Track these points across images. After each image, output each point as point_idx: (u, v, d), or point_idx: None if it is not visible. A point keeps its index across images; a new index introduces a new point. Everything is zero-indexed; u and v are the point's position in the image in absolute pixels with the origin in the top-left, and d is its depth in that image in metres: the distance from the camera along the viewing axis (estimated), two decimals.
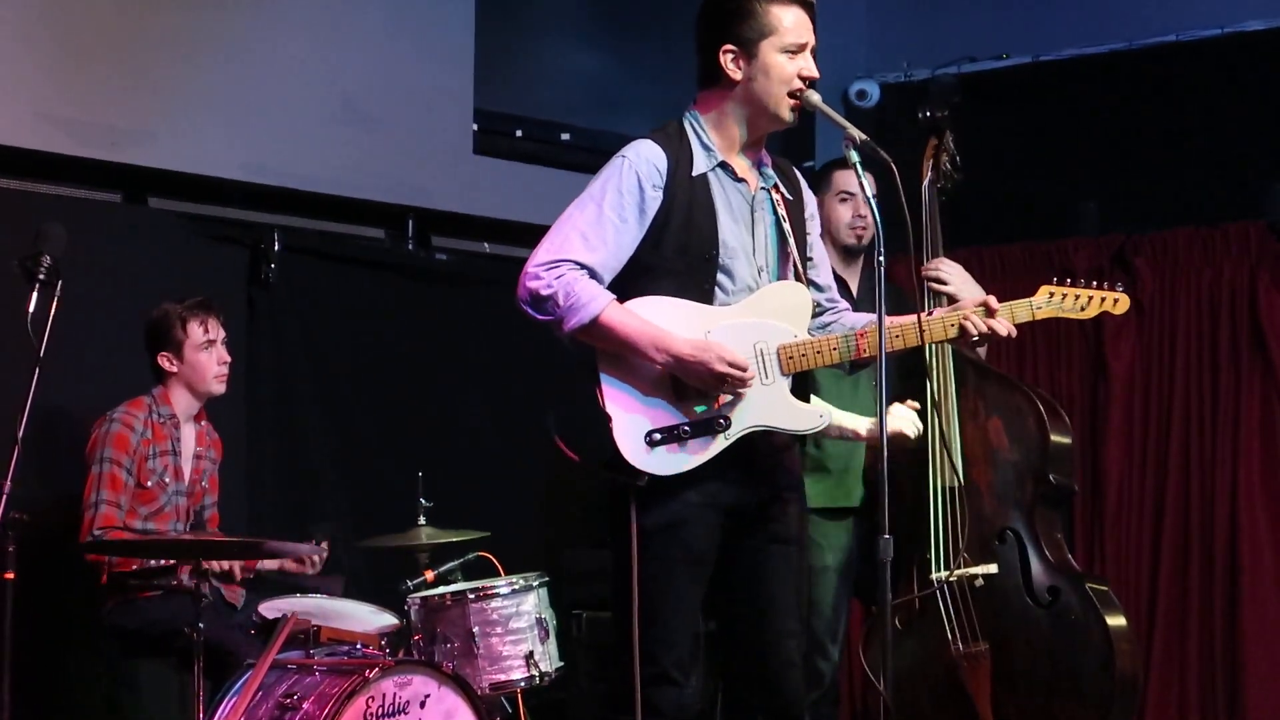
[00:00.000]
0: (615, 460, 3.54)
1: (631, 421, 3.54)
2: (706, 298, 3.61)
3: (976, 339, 3.71)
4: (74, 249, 4.18)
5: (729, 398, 3.56)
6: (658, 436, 3.54)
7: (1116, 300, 3.87)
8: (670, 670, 3.61)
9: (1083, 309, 3.84)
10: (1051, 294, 3.81)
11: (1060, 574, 4.78)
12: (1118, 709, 4.70)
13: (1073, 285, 3.84)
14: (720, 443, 3.57)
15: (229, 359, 5.07)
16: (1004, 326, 3.68)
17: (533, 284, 3.53)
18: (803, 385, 3.71)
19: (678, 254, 3.60)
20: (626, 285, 3.59)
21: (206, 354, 5.00)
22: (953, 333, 3.69)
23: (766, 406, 3.61)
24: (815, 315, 3.78)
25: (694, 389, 3.56)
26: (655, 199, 3.59)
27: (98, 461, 4.82)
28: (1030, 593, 4.77)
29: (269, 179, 5.91)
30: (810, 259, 3.80)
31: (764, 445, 3.65)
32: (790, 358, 3.62)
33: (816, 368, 3.67)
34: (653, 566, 3.56)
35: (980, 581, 4.76)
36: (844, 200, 4.90)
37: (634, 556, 3.54)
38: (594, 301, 3.50)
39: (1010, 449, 4.84)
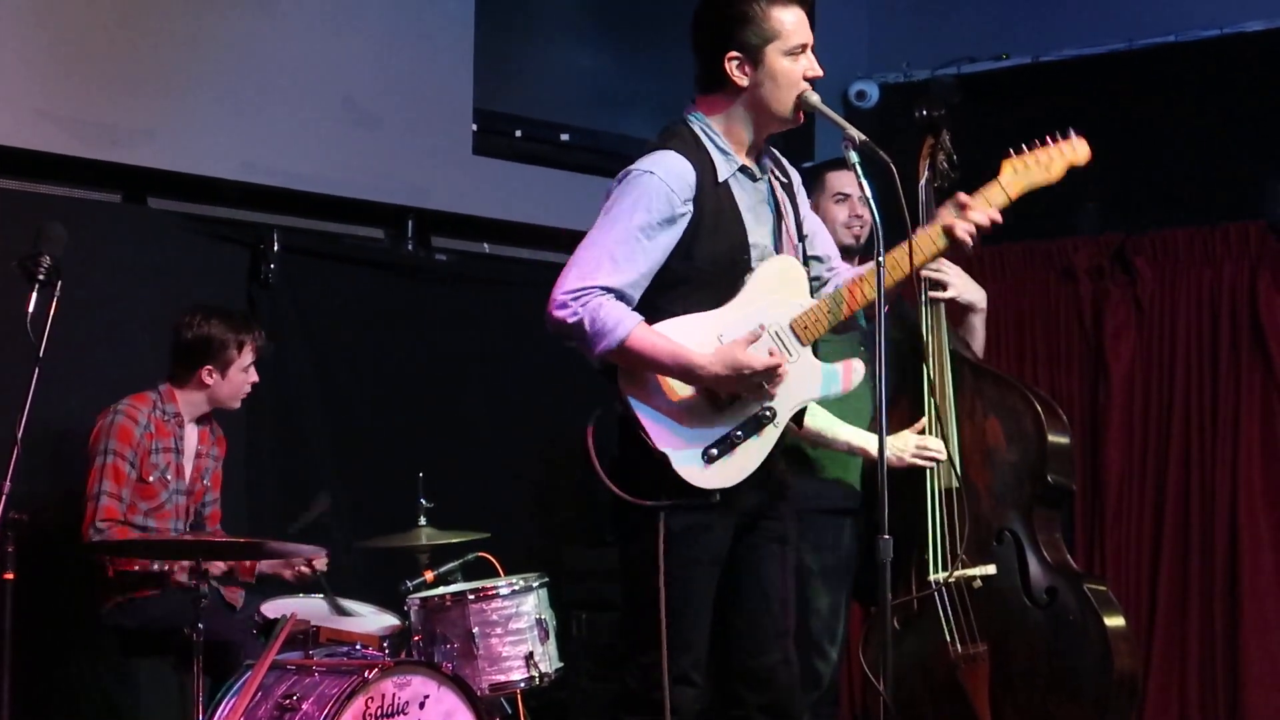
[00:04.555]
0: (683, 489, 3.51)
1: (685, 448, 3.52)
2: None
3: (970, 242, 3.64)
4: (74, 249, 4.18)
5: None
6: (715, 451, 3.52)
7: (1075, 148, 3.77)
8: (689, 671, 3.60)
9: (1048, 170, 3.75)
10: (1015, 167, 3.73)
11: (1058, 574, 4.78)
12: (1115, 709, 4.70)
13: (1029, 150, 3.75)
14: (772, 433, 3.57)
15: (257, 379, 5.11)
16: (985, 215, 3.66)
17: (559, 313, 3.49)
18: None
19: (710, 263, 3.57)
20: (658, 296, 3.55)
21: (245, 374, 5.06)
22: (942, 243, 3.64)
23: (802, 381, 3.59)
24: (819, 287, 3.76)
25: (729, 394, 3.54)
26: (685, 213, 3.54)
27: (101, 453, 4.83)
28: (1028, 593, 4.77)
29: (269, 179, 5.91)
30: (805, 236, 3.77)
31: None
32: (805, 328, 3.61)
33: (829, 326, 3.64)
34: (676, 569, 3.54)
35: (978, 583, 4.75)
36: (839, 201, 4.90)
37: (660, 559, 3.51)
38: (620, 326, 3.45)
39: (1008, 449, 4.84)
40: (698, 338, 3.53)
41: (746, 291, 3.60)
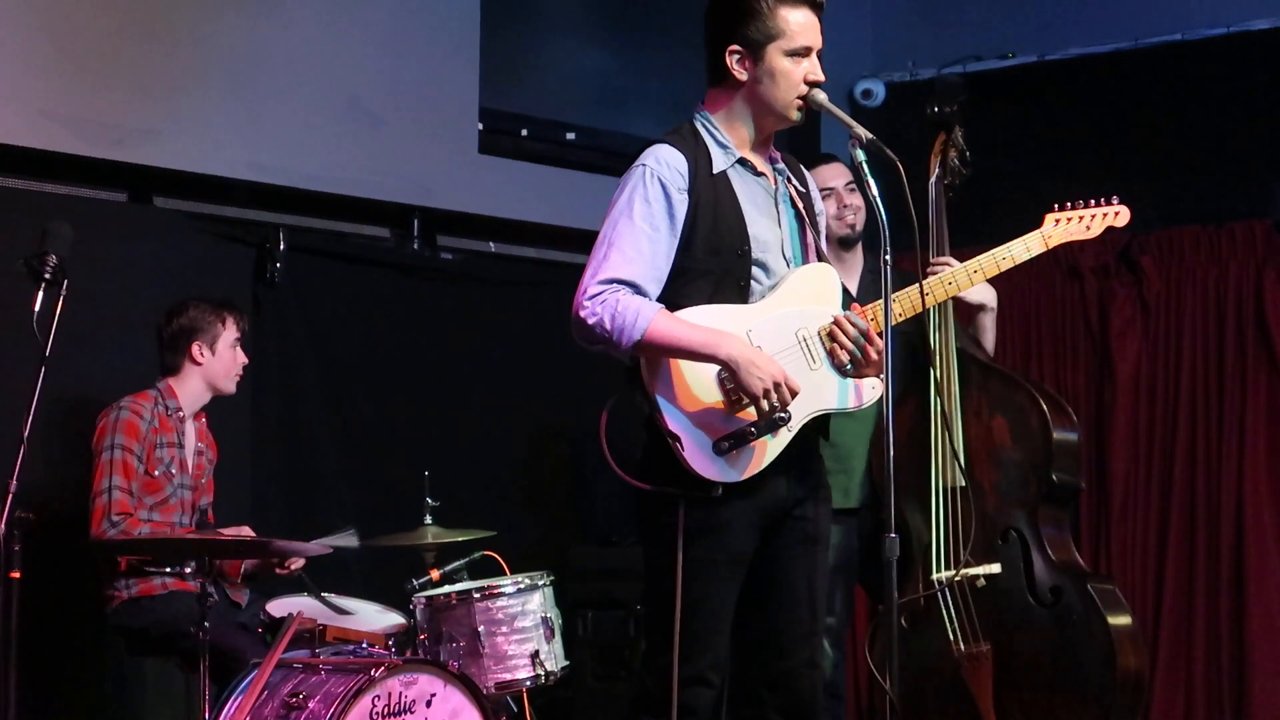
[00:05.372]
0: (687, 478, 3.49)
1: (697, 436, 3.49)
2: (743, 295, 3.57)
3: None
4: (80, 248, 4.18)
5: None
6: (726, 444, 3.48)
7: (1117, 213, 4.19)
8: (707, 672, 3.57)
9: (1088, 228, 4.15)
10: (1058, 220, 4.11)
11: (1063, 574, 4.77)
12: (1120, 708, 4.69)
13: (1074, 208, 4.15)
14: (785, 436, 3.54)
15: (247, 360, 5.11)
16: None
17: (580, 317, 3.47)
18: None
19: (709, 254, 3.56)
20: (664, 290, 3.54)
21: (234, 351, 5.06)
22: (953, 290, 3.98)
23: (820, 390, 3.58)
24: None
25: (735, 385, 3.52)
26: (682, 202, 3.54)
27: (108, 448, 4.82)
28: (1033, 592, 4.76)
29: (275, 178, 5.92)
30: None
31: (800, 444, 3.62)
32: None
33: None
34: (694, 569, 3.52)
35: (983, 582, 4.74)
36: (826, 196, 4.90)
37: (679, 560, 3.50)
38: (640, 316, 3.43)
39: (1014, 447, 4.82)
40: (726, 328, 3.51)
41: (780, 294, 3.61)
